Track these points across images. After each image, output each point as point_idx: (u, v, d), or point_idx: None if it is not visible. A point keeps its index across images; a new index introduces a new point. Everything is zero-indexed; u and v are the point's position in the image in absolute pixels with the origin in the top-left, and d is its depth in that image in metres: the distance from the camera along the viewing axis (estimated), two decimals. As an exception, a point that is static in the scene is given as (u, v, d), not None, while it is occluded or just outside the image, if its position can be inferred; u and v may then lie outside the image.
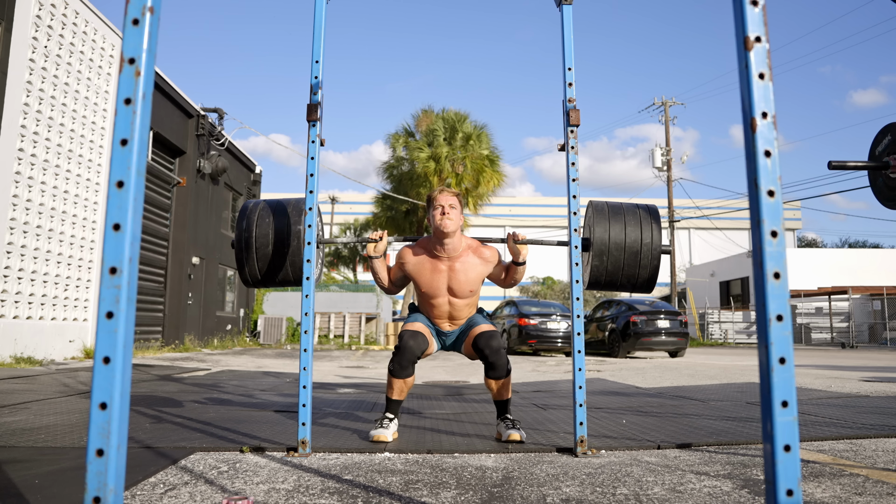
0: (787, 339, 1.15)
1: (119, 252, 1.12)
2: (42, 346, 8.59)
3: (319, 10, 2.91)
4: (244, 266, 3.09)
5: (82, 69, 9.45)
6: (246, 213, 3.12)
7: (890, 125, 3.04)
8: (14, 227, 7.98)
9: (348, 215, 40.57)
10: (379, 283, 3.29)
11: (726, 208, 31.50)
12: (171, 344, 13.07)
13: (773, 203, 1.18)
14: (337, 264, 36.09)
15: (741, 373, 8.30)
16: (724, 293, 31.10)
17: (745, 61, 1.22)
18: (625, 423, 3.65)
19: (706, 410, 4.26)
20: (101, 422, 1.10)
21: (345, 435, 3.24)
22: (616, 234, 3.00)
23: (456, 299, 3.19)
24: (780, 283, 1.16)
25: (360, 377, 7.61)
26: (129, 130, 1.16)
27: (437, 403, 4.69)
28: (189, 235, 13.93)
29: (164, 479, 2.25)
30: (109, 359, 1.11)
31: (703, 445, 2.95)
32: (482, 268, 3.18)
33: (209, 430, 3.34)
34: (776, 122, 1.21)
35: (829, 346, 22.44)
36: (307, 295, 2.82)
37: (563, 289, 37.87)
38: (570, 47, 2.97)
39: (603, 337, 14.77)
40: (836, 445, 2.94)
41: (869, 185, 3.23)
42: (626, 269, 3.00)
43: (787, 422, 1.10)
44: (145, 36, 1.18)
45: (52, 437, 3.04)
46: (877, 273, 27.41)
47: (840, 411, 4.11)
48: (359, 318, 21.61)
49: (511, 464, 2.59)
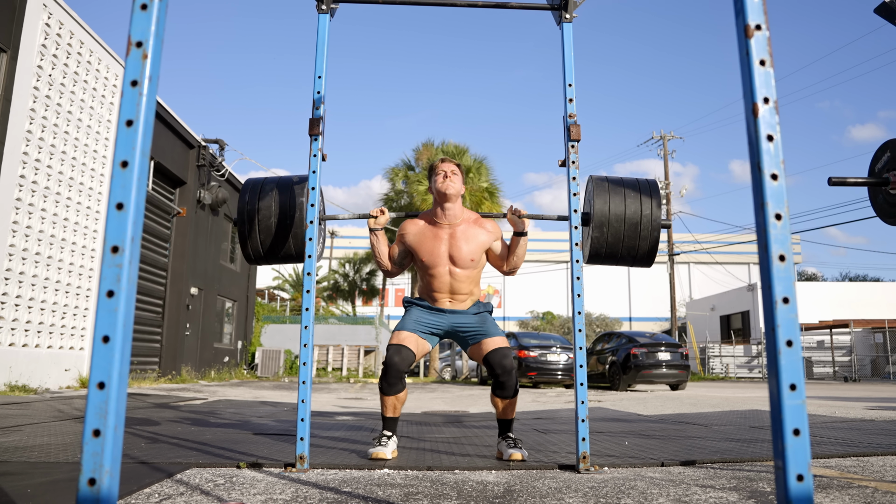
0: (794, 322, 1.14)
1: (121, 231, 1.12)
2: (37, 375, 8.51)
3: (322, 26, 2.95)
4: (247, 241, 3.08)
5: (85, 98, 9.55)
6: (248, 187, 3.13)
7: (889, 142, 3.06)
8: (13, 253, 7.97)
9: (348, 249, 40.61)
10: (379, 260, 3.23)
11: (726, 242, 31.60)
12: (167, 375, 12.94)
13: (776, 186, 1.18)
14: (336, 298, 36.02)
15: (744, 403, 8.21)
16: (725, 327, 30.96)
17: (746, 48, 1.23)
18: (627, 445, 3.59)
19: (709, 433, 4.20)
20: (98, 401, 1.08)
21: (343, 454, 3.19)
22: (616, 206, 3.00)
23: (457, 269, 3.10)
24: (785, 265, 1.15)
25: (358, 407, 7.52)
26: (136, 112, 1.16)
27: (436, 429, 4.63)
28: (188, 266, 13.90)
29: (159, 489, 2.21)
30: (109, 338, 1.09)
31: (707, 463, 2.90)
32: (484, 237, 3.14)
33: (206, 448, 3.29)
34: (778, 107, 1.22)
35: (832, 381, 22.27)
36: (308, 273, 2.83)
37: (562, 323, 37.73)
38: (570, 64, 3.01)
39: (603, 370, 14.64)
40: (842, 462, 2.89)
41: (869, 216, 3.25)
42: (626, 240, 3.00)
43: (800, 445, 1.08)
44: (153, 20, 1.19)
45: (46, 454, 2.99)
46: (878, 306, 27.31)
47: (845, 433, 4.06)
48: (357, 350, 21.48)
49: (513, 479, 2.55)
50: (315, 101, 2.92)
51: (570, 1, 3.03)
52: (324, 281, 34.79)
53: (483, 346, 3.11)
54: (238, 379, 16.65)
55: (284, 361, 19.74)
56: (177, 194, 13.84)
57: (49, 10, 8.56)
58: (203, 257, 14.97)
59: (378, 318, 24.55)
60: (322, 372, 20.85)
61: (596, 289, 42.00)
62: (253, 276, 19.56)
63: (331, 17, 3.01)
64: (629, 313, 44.60)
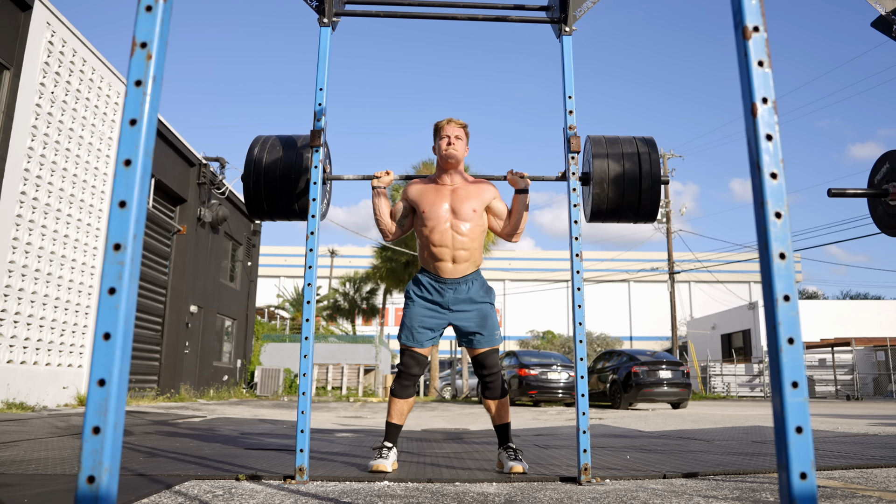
0: (795, 320, 1.14)
1: (124, 229, 1.12)
2: (35, 392, 8.46)
3: (324, 39, 2.98)
4: (251, 193, 3.07)
5: (87, 115, 9.61)
6: (256, 142, 3.14)
7: (888, 153, 3.07)
8: (13, 270, 7.96)
9: (348, 269, 40.59)
10: (379, 218, 3.19)
11: (727, 260, 31.57)
12: (166, 393, 12.87)
13: (775, 185, 1.19)
14: (336, 317, 35.92)
15: (746, 420, 8.16)
16: (726, 346, 30.85)
17: (745, 50, 1.24)
18: (629, 458, 3.57)
19: (712, 448, 4.17)
20: (98, 398, 1.07)
21: (343, 466, 3.17)
22: (614, 163, 3.01)
23: (459, 222, 3.07)
24: (785, 263, 1.16)
25: (358, 425, 7.47)
26: (139, 111, 1.17)
27: (437, 445, 4.60)
28: (188, 284, 13.89)
29: (157, 500, 2.19)
30: (110, 335, 1.09)
31: (709, 475, 2.88)
32: (485, 194, 3.16)
33: (204, 462, 3.26)
34: (776, 107, 1.23)
35: (834, 399, 22.15)
36: (311, 231, 2.86)
37: (563, 342, 37.59)
38: (569, 76, 3.03)
39: (604, 388, 14.56)
40: (846, 473, 2.87)
41: (869, 233, 3.25)
42: (626, 196, 3.01)
43: (803, 443, 1.08)
44: (158, 22, 1.20)
45: (43, 467, 2.97)
46: (879, 325, 27.24)
47: (848, 447, 4.03)
48: (357, 369, 21.36)
49: (513, 491, 2.53)
50: (316, 112, 2.94)
51: (570, 14, 3.07)
52: (324, 300, 34.73)
53: (476, 348, 3.14)
54: (237, 398, 16.56)
55: (284, 380, 19.62)
56: (177, 212, 13.86)
57: (52, 28, 8.63)
58: (203, 275, 14.96)
59: (378, 338, 24.46)
60: (322, 391, 20.73)
61: (597, 308, 41.93)
62: (253, 295, 19.52)
63: (332, 30, 3.04)
64: (630, 332, 44.49)
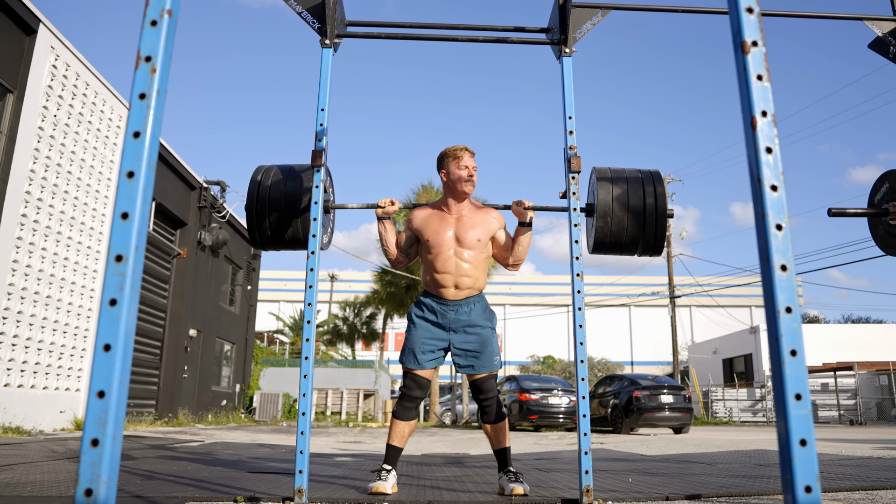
0: (797, 332, 1.13)
1: (126, 240, 1.12)
2: (31, 416, 8.39)
3: (326, 60, 3.01)
4: (254, 222, 3.08)
5: (89, 138, 9.67)
6: (259, 171, 3.16)
7: (888, 173, 3.09)
8: (12, 292, 7.95)
9: (348, 293, 40.52)
10: (385, 248, 3.27)
11: (728, 285, 31.52)
12: (164, 418, 12.76)
13: (776, 197, 1.19)
14: (335, 342, 35.80)
15: (749, 444, 8.09)
16: (728, 370, 30.68)
17: (744, 64, 1.25)
18: (631, 481, 3.53)
19: (714, 471, 4.13)
20: (97, 410, 1.07)
21: (342, 489, 3.13)
22: (619, 196, 3.01)
23: (463, 249, 3.10)
24: (787, 275, 1.16)
25: (357, 450, 7.40)
26: (143, 124, 1.17)
27: (437, 469, 4.55)
28: (187, 307, 13.85)
29: (154, 521, 2.16)
30: (110, 346, 1.09)
31: (712, 496, 2.85)
32: (490, 223, 3.18)
33: (202, 484, 3.23)
34: (776, 120, 1.24)
35: (838, 424, 21.97)
36: (312, 251, 2.87)
37: (564, 367, 37.39)
38: (570, 97, 3.06)
39: (605, 413, 14.45)
40: (851, 495, 2.84)
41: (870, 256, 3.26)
42: (629, 229, 3.00)
43: (807, 456, 1.07)
44: (162, 36, 1.22)
45: (39, 489, 2.94)
46: (882, 349, 27.11)
47: (853, 470, 3.99)
48: (356, 394, 21.22)
49: (516, 512, 2.49)
50: (318, 133, 2.96)
51: (570, 36, 3.10)
52: (324, 325, 34.61)
53: (474, 374, 3.14)
54: (235, 423, 16.42)
55: (283, 405, 19.47)
56: (177, 235, 13.88)
57: (56, 53, 8.72)
58: (203, 299, 14.93)
59: (378, 362, 24.34)
60: (321, 416, 20.57)
61: (597, 332, 41.82)
62: (252, 319, 19.47)
63: (334, 51, 3.08)
64: (631, 357, 44.31)
